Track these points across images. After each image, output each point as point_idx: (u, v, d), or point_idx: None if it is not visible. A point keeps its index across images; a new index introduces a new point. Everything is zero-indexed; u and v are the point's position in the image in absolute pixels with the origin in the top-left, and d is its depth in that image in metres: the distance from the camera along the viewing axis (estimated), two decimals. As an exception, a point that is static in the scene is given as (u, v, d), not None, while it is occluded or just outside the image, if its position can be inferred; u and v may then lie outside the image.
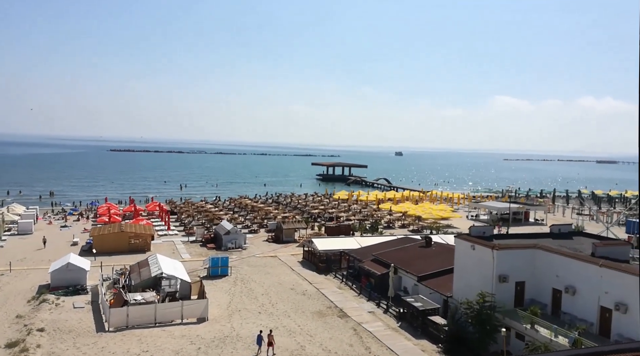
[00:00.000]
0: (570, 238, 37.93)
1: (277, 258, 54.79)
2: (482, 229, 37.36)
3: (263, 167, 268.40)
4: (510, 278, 32.03)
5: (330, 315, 37.21)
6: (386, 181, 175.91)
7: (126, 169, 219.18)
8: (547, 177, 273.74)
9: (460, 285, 35.13)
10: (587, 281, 29.03)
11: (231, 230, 58.75)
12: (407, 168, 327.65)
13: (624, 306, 26.72)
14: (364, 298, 41.62)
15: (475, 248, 33.69)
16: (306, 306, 38.77)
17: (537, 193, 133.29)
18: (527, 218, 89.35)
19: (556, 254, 31.15)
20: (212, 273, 46.15)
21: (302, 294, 41.92)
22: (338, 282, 46.07)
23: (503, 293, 31.90)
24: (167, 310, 34.15)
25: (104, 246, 53.61)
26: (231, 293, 41.41)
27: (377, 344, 32.08)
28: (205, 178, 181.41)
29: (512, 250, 32.40)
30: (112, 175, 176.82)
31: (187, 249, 57.68)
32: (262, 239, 65.18)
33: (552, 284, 31.38)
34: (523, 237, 39.73)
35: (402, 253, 45.57)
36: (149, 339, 31.04)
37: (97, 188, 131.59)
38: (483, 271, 32.74)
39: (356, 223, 76.66)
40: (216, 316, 35.71)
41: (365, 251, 48.86)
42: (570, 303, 30.14)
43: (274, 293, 41.96)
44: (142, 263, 42.16)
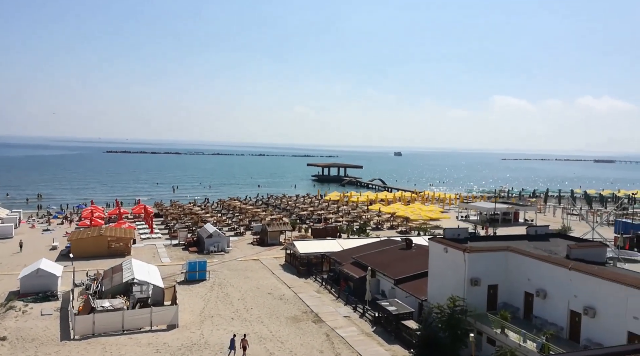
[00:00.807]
0: (547, 240, 37.36)
1: (259, 261, 54.21)
2: (456, 231, 36.76)
3: (259, 169, 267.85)
4: (482, 281, 31.48)
5: (305, 320, 36.64)
6: (381, 181, 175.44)
7: (120, 171, 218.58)
8: (543, 177, 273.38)
9: (434, 288, 34.60)
10: (557, 285, 28.50)
11: (213, 233, 58.16)
12: (405, 169, 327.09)
13: (592, 311, 26.19)
14: (342, 302, 41.05)
15: (448, 251, 33.15)
16: (281, 311, 38.20)
17: (530, 193, 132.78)
18: (517, 219, 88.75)
19: (527, 257, 30.62)
20: (189, 277, 45.55)
21: (279, 299, 41.34)
22: (317, 286, 45.51)
23: (475, 296, 31.35)
24: (135, 317, 33.55)
25: (83, 250, 53.02)
26: (206, 298, 40.82)
27: (348, 350, 31.51)
28: (199, 179, 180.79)
29: (484, 253, 31.83)
30: (104, 177, 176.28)
31: (169, 253, 57.09)
32: (247, 241, 64.63)
33: (524, 287, 30.86)
34: (502, 239, 39.16)
35: (381, 255, 45.01)
36: (114, 347, 30.45)
37: (87, 190, 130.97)
38: (456, 274, 32.20)
39: (344, 225, 76.11)
40: (187, 322, 35.14)
41: (346, 254, 48.28)
42: (542, 306, 29.61)
43: (251, 297, 41.39)
44: (116, 268, 41.54)
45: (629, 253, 60.36)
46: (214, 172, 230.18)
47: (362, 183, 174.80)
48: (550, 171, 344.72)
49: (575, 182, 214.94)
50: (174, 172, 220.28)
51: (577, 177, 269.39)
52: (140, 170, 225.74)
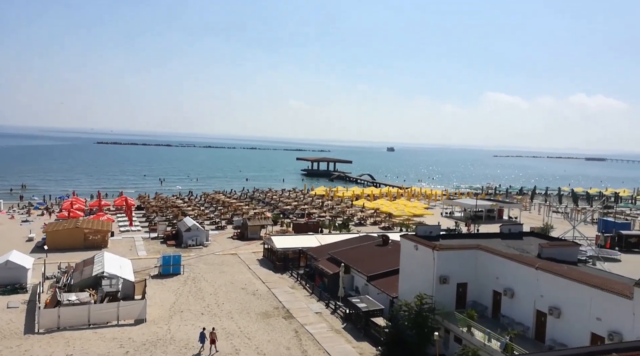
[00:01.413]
0: (520, 239, 37.19)
1: (236, 255, 53.79)
2: (428, 228, 36.56)
3: (249, 162, 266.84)
4: (451, 279, 31.28)
5: (276, 316, 36.32)
6: (370, 177, 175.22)
7: (108, 162, 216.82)
8: (533, 174, 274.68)
9: (405, 286, 34.38)
10: (525, 284, 28.35)
11: (192, 227, 57.64)
12: (396, 164, 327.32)
13: (557, 311, 26.06)
14: (315, 298, 40.77)
15: (419, 248, 32.91)
16: (253, 307, 37.86)
17: (517, 190, 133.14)
18: (501, 216, 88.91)
19: (496, 256, 30.43)
20: (163, 271, 45.06)
21: (252, 294, 40.99)
22: (293, 281, 45.20)
23: (444, 294, 31.17)
24: (102, 311, 33.06)
25: (58, 242, 52.36)
26: (178, 292, 40.38)
27: (315, 347, 31.24)
28: (187, 172, 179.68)
29: (454, 251, 31.63)
30: (91, 168, 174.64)
31: (146, 246, 56.51)
32: (228, 235, 64.11)
33: (492, 286, 30.70)
34: (476, 237, 39.02)
35: (357, 251, 44.74)
36: (78, 342, 29.97)
37: (72, 181, 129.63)
38: (425, 272, 31.97)
39: (327, 220, 75.78)
40: (156, 317, 34.70)
41: (323, 249, 47.96)
42: (509, 306, 29.48)
43: (223, 292, 41.00)
44: (88, 261, 41.01)
45: (609, 251, 60.75)
46: (203, 165, 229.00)
47: (351, 178, 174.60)
48: (541, 169, 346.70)
49: (564, 180, 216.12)
50: (162, 164, 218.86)
51: (567, 175, 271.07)
52: (129, 162, 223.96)
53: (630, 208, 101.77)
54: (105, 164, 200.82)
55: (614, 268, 54.47)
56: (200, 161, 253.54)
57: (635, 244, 63.26)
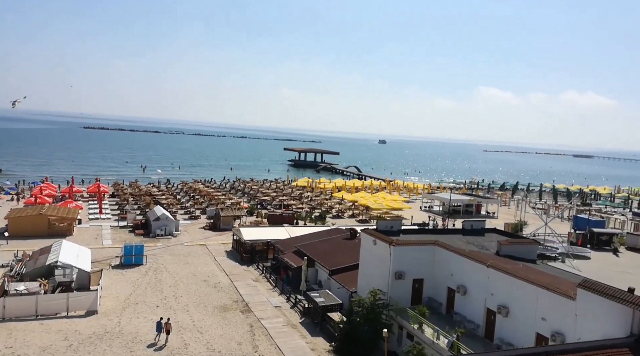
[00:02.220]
0: (482, 235, 36.91)
1: (205, 246, 53.06)
2: (389, 223, 36.05)
3: (236, 151, 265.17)
4: (407, 275, 30.85)
5: (233, 309, 35.74)
6: (356, 168, 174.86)
7: (91, 147, 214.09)
8: (519, 169, 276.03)
9: (363, 281, 33.94)
10: (476, 282, 27.99)
11: (161, 216, 56.73)
12: (386, 157, 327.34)
13: (506, 310, 25.72)
14: (277, 291, 40.26)
15: (377, 243, 32.43)
16: (211, 300, 37.23)
17: (499, 186, 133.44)
18: (479, 211, 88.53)
19: (451, 252, 30.02)
20: (125, 261, 44.23)
21: (214, 286, 40.34)
22: (257, 274, 44.62)
23: (399, 290, 30.77)
24: (50, 302, 32.23)
25: (21, 229, 51.28)
26: (137, 284, 39.62)
27: (267, 342, 30.72)
28: (172, 159, 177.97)
29: (410, 246, 31.17)
30: (73, 154, 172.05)
31: (113, 235, 55.54)
32: (200, 226, 63.33)
33: (447, 282, 30.34)
34: (438, 232, 38.61)
35: (323, 244, 44.20)
36: (21, 333, 29.17)
37: (50, 166, 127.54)
38: (382, 267, 31.54)
39: (304, 212, 75.20)
40: (108, 309, 33.95)
41: (290, 242, 47.36)
42: (462, 303, 29.14)
43: (184, 284, 40.32)
44: (44, 250, 40.01)
45: (580, 249, 60.87)
46: (189, 153, 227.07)
47: (337, 170, 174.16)
48: (528, 165, 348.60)
49: (549, 176, 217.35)
50: (147, 151, 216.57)
51: (553, 171, 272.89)
52: (113, 147, 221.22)
53: (605, 205, 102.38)
54: (88, 150, 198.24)
55: (583, 265, 54.71)
56: (187, 149, 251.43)
57: (606, 242, 63.41)
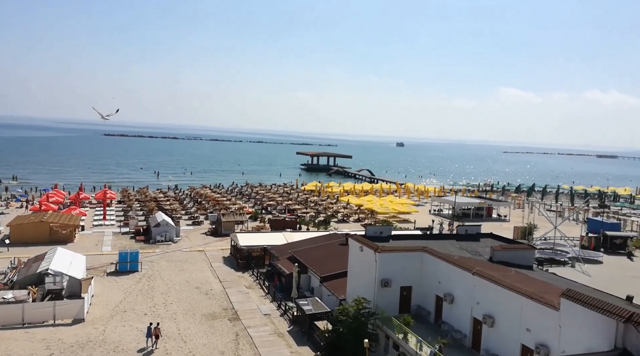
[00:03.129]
0: (478, 240, 35.60)
1: (203, 252, 52.78)
2: (379, 229, 35.10)
3: (250, 156, 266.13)
4: (394, 283, 29.85)
5: (222, 317, 35.18)
6: (369, 172, 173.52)
7: (109, 154, 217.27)
8: (540, 171, 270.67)
9: (351, 288, 33.05)
10: (463, 290, 26.87)
11: (161, 222, 56.68)
12: (403, 160, 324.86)
13: (491, 319, 24.56)
14: (269, 298, 39.61)
15: (363, 250, 31.52)
16: (201, 308, 36.75)
17: (514, 188, 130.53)
18: (490, 214, 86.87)
19: (439, 259, 28.93)
20: (120, 268, 44.18)
21: (205, 293, 39.89)
22: (252, 281, 44.05)
23: (386, 298, 29.80)
24: (37, 310, 32.15)
25: (23, 236, 51.78)
26: (129, 291, 39.42)
27: (251, 351, 30.05)
28: (185, 165, 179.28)
29: (397, 253, 30.15)
30: (89, 160, 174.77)
31: (114, 241, 55.68)
32: (203, 231, 63.14)
33: (435, 290, 29.25)
34: (431, 238, 37.42)
35: (317, 250, 43.39)
36: (4, 342, 29.08)
37: (65, 173, 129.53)
38: (368, 274, 30.63)
39: (309, 217, 74.52)
40: (96, 317, 33.76)
41: (286, 247, 46.68)
42: (449, 312, 28.03)
43: (175, 291, 39.97)
44: (39, 257, 40.16)
45: (592, 253, 58.68)
46: (204, 158, 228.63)
47: (350, 173, 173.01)
48: (549, 166, 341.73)
49: (570, 177, 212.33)
50: (162, 157, 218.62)
51: (574, 172, 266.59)
52: (129, 154, 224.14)
53: (621, 208, 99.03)
54: (104, 156, 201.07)
55: (594, 270, 52.68)
56: (202, 155, 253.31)
57: (620, 245, 61.06)
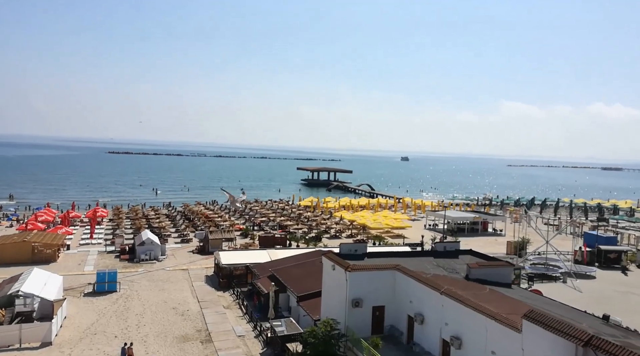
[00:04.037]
0: (456, 257, 34.67)
1: (187, 271, 51.96)
2: (353, 246, 34.22)
3: (252, 172, 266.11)
4: (366, 302, 28.91)
5: (194, 339, 34.24)
6: (369, 186, 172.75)
7: (110, 172, 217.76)
8: (543, 184, 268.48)
9: (325, 308, 32.14)
10: (432, 310, 25.94)
11: (146, 241, 56.03)
12: (405, 173, 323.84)
13: (459, 341, 23.59)
14: (246, 319, 38.66)
15: (335, 268, 30.68)
16: (174, 329, 35.83)
17: (513, 201, 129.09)
18: (486, 229, 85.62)
19: (410, 278, 28.04)
20: (98, 289, 43.39)
21: (181, 314, 38.99)
22: (231, 300, 43.13)
23: (357, 318, 28.84)
24: (2, 334, 31.37)
25: (4, 256, 51.24)
26: (103, 312, 38.61)
27: (218, 375, 29.10)
28: (186, 182, 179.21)
29: (368, 271, 29.27)
30: (88, 179, 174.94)
31: (98, 260, 55.00)
32: (190, 249, 62.38)
33: (407, 310, 28.30)
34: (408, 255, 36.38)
35: (298, 268, 42.49)
36: (-36, 367, 28.40)
37: (62, 192, 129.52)
38: (340, 293, 29.71)
39: (299, 233, 73.66)
40: (64, 340, 32.94)
41: (269, 265, 45.82)
42: (420, 332, 27.06)
43: (151, 312, 39.10)
44: (14, 278, 39.49)
45: (585, 268, 57.37)
46: (205, 175, 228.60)
47: (350, 188, 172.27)
48: (553, 179, 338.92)
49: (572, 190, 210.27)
50: (163, 174, 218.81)
51: (577, 185, 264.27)
52: (130, 171, 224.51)
53: (617, 221, 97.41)
54: (105, 174, 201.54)
55: (586, 285, 51.35)
56: (204, 171, 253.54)
57: (615, 259, 59.70)
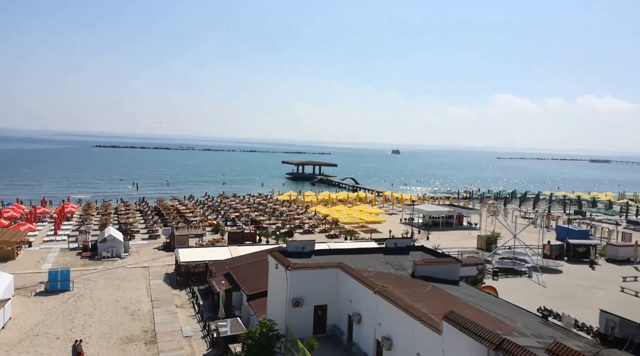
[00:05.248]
0: (407, 254, 34.01)
1: (148, 269, 50.99)
2: (301, 244, 33.41)
3: (238, 165, 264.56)
4: (307, 302, 28.13)
5: (138, 340, 33.39)
6: (353, 180, 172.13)
7: (91, 166, 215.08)
8: (530, 177, 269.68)
9: (270, 308, 31.36)
10: (368, 309, 25.27)
11: (108, 237, 54.94)
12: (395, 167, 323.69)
13: (389, 342, 22.94)
14: (198, 318, 37.86)
15: (278, 267, 29.88)
16: (120, 330, 34.94)
17: (493, 194, 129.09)
18: (461, 222, 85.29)
19: (349, 276, 27.32)
20: (50, 288, 42.33)
21: (131, 314, 38.09)
22: (186, 299, 42.30)
23: (299, 318, 28.05)
24: None
25: (-41, 255, 50.03)
26: (50, 312, 37.62)
27: (156, 377, 28.31)
28: (169, 176, 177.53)
29: (309, 270, 28.46)
30: (68, 173, 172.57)
31: (59, 258, 53.86)
32: (156, 246, 61.31)
33: (347, 309, 27.59)
34: (357, 252, 35.50)
35: (254, 266, 41.59)
36: None
37: (39, 187, 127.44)
38: (282, 293, 28.92)
39: (270, 229, 72.85)
40: (3, 342, 31.93)
41: (226, 263, 44.97)
42: (358, 332, 26.39)
43: (100, 312, 38.17)
44: (-41, 278, 38.44)
45: (553, 262, 57.15)
46: (189, 168, 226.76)
47: (334, 182, 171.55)
48: (540, 171, 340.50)
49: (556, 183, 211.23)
50: (146, 168, 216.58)
51: (563, 177, 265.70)
52: (113, 166, 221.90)
53: (591, 214, 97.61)
54: (87, 168, 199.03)
55: (552, 280, 51.08)
56: (190, 165, 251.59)
57: (583, 254, 59.53)
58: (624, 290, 46.72)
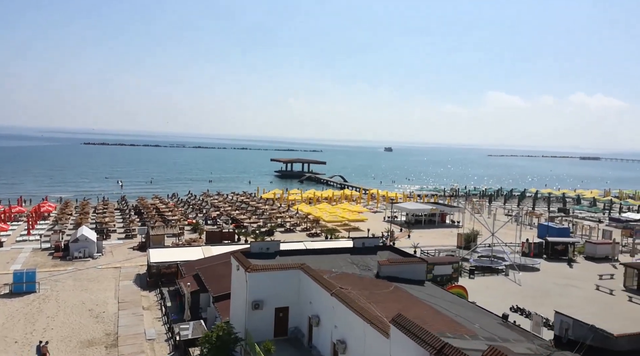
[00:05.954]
0: (374, 253, 33.44)
1: (119, 269, 50.06)
2: (265, 244, 32.76)
3: (227, 163, 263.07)
4: (268, 304, 27.44)
5: (99, 344, 32.55)
6: (341, 178, 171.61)
7: (77, 163, 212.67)
8: (519, 174, 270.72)
9: (233, 310, 30.67)
10: (326, 312, 24.65)
11: (80, 237, 53.92)
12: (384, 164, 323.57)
13: (344, 346, 22.33)
14: (164, 321, 37.06)
15: (239, 269, 29.17)
16: (82, 333, 34.05)
17: (479, 192, 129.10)
18: (444, 220, 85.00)
19: (309, 277, 26.68)
20: (15, 289, 41.34)
21: (95, 317, 37.21)
22: (154, 301, 41.47)
23: (259, 321, 27.34)
24: None
25: None
26: (12, 315, 36.66)
27: (112, 382, 27.52)
28: (154, 173, 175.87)
29: (270, 272, 27.78)
30: (52, 171, 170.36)
31: (30, 259, 52.76)
32: (131, 246, 60.34)
33: (308, 311, 26.95)
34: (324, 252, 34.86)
35: (223, 267, 40.78)
36: None
37: (19, 185, 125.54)
38: (243, 295, 28.22)
39: (255, 227, 72.07)
40: (-42, 346, 31.05)
41: (196, 264, 44.13)
42: (317, 335, 25.78)
43: (64, 315, 37.26)
44: None
45: (531, 260, 56.82)
46: (176, 166, 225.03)
47: (322, 180, 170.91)
48: (530, 169, 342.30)
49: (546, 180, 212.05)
50: (132, 165, 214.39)
51: (553, 175, 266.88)
52: (99, 163, 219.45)
53: (574, 211, 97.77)
54: (72, 166, 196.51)
55: (528, 278, 50.69)
56: (178, 163, 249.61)
57: (562, 251, 59.29)
58: (599, 288, 46.47)
